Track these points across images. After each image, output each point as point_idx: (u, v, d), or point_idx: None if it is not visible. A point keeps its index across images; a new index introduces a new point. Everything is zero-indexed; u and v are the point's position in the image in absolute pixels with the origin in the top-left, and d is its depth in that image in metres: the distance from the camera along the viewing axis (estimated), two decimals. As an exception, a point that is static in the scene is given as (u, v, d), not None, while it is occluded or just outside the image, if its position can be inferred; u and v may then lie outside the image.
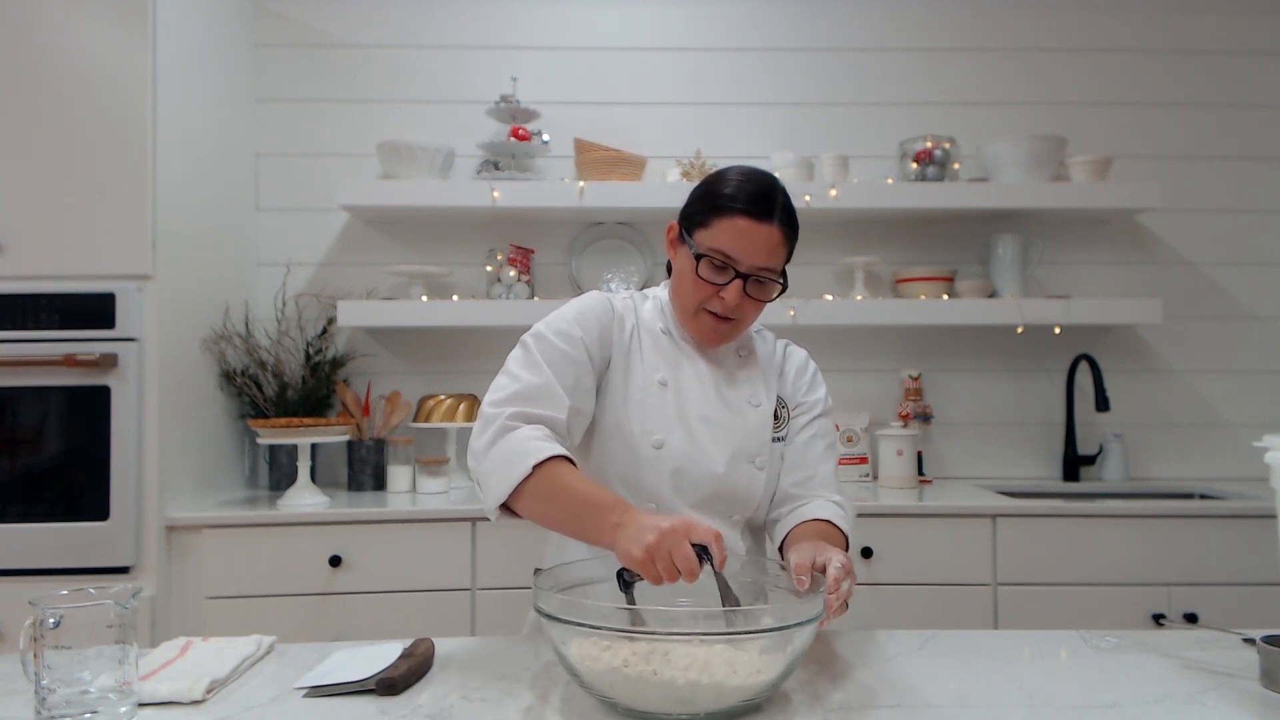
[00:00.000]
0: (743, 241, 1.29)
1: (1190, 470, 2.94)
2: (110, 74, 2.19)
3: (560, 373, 1.28)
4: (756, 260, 1.30)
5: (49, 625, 0.92)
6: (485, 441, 1.21)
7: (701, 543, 1.02)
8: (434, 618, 2.26)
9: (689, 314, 1.36)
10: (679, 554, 1.00)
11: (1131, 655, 1.20)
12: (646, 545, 1.01)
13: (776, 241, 1.30)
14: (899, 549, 2.32)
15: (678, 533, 1.01)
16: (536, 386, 1.25)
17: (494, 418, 1.22)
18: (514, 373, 1.29)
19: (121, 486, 2.15)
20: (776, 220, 1.30)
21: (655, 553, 1.01)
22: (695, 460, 1.34)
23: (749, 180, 1.31)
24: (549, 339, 1.31)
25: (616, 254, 2.92)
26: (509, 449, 1.18)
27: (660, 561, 1.01)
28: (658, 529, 1.02)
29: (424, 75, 2.92)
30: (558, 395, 1.26)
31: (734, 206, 1.29)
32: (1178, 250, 2.98)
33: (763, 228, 1.29)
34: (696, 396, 1.37)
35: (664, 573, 1.01)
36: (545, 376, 1.26)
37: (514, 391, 1.25)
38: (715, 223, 1.30)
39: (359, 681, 1.06)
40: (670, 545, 1.00)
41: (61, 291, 2.18)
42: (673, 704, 0.94)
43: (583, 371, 1.31)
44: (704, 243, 1.31)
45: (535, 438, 1.19)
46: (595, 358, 1.34)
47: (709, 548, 1.02)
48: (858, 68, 2.98)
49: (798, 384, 1.48)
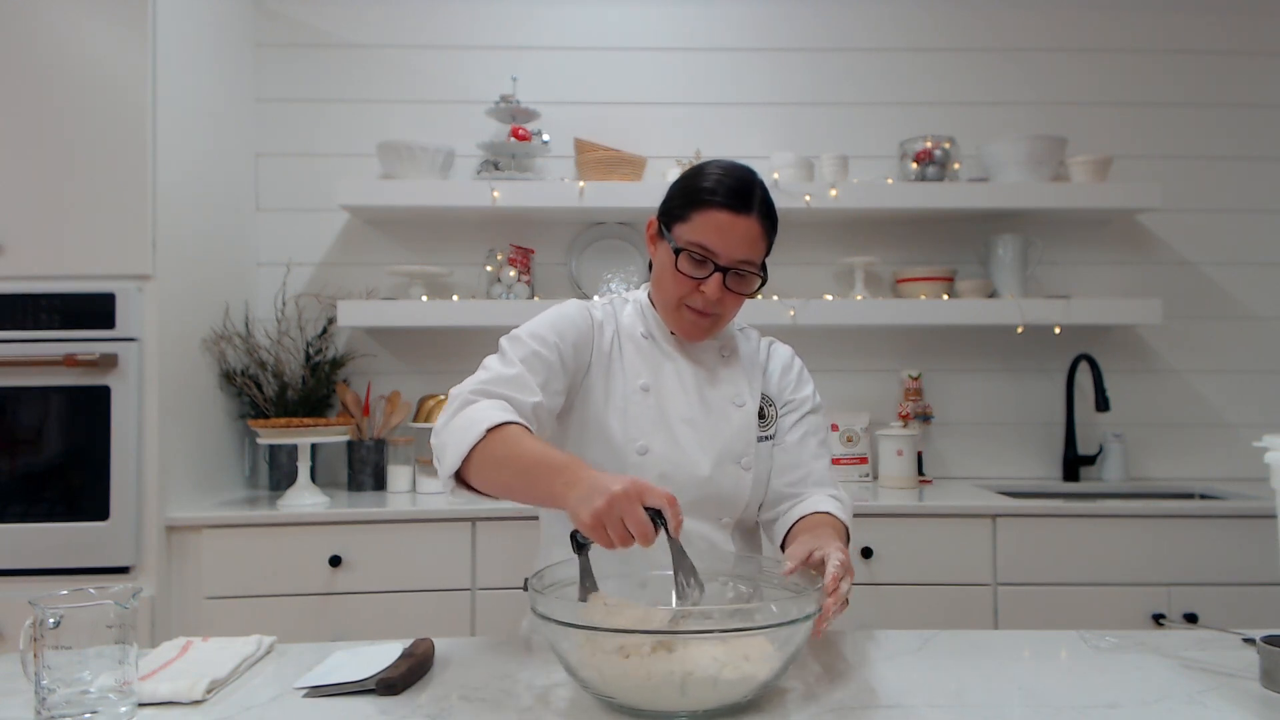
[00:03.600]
0: (722, 235, 1.29)
1: (1190, 470, 2.94)
2: (110, 74, 2.19)
3: (533, 370, 1.28)
4: (736, 253, 1.30)
5: (49, 625, 0.92)
6: (445, 416, 1.22)
7: (655, 506, 0.98)
8: (434, 618, 2.26)
9: (670, 309, 1.37)
10: (632, 518, 0.96)
11: (1131, 655, 1.20)
12: (595, 510, 0.97)
13: (756, 234, 1.31)
14: (899, 549, 2.32)
15: (630, 496, 0.97)
16: (506, 376, 1.26)
17: (458, 398, 1.23)
18: (488, 365, 1.30)
19: (121, 486, 2.15)
20: (755, 213, 1.30)
21: (606, 517, 0.97)
22: (680, 465, 1.34)
23: (727, 174, 1.32)
24: (523, 340, 1.32)
25: (616, 254, 2.93)
26: (465, 419, 1.18)
27: (612, 527, 0.97)
28: (608, 492, 0.97)
29: (424, 75, 2.92)
30: (528, 384, 1.26)
31: (713, 200, 1.29)
32: (1178, 250, 2.98)
33: (741, 220, 1.29)
34: (679, 400, 1.37)
35: (615, 538, 0.97)
36: (517, 369, 1.27)
37: (483, 379, 1.26)
38: (694, 216, 1.30)
39: (359, 681, 1.06)
40: (622, 510, 0.97)
41: (61, 291, 2.17)
42: (671, 701, 0.94)
43: (553, 374, 1.31)
44: (683, 237, 1.31)
45: (491, 408, 1.18)
46: (569, 362, 1.34)
47: (663, 511, 0.99)
48: (858, 68, 2.98)
49: (784, 381, 1.48)
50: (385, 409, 2.74)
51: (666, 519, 0.99)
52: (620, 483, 0.99)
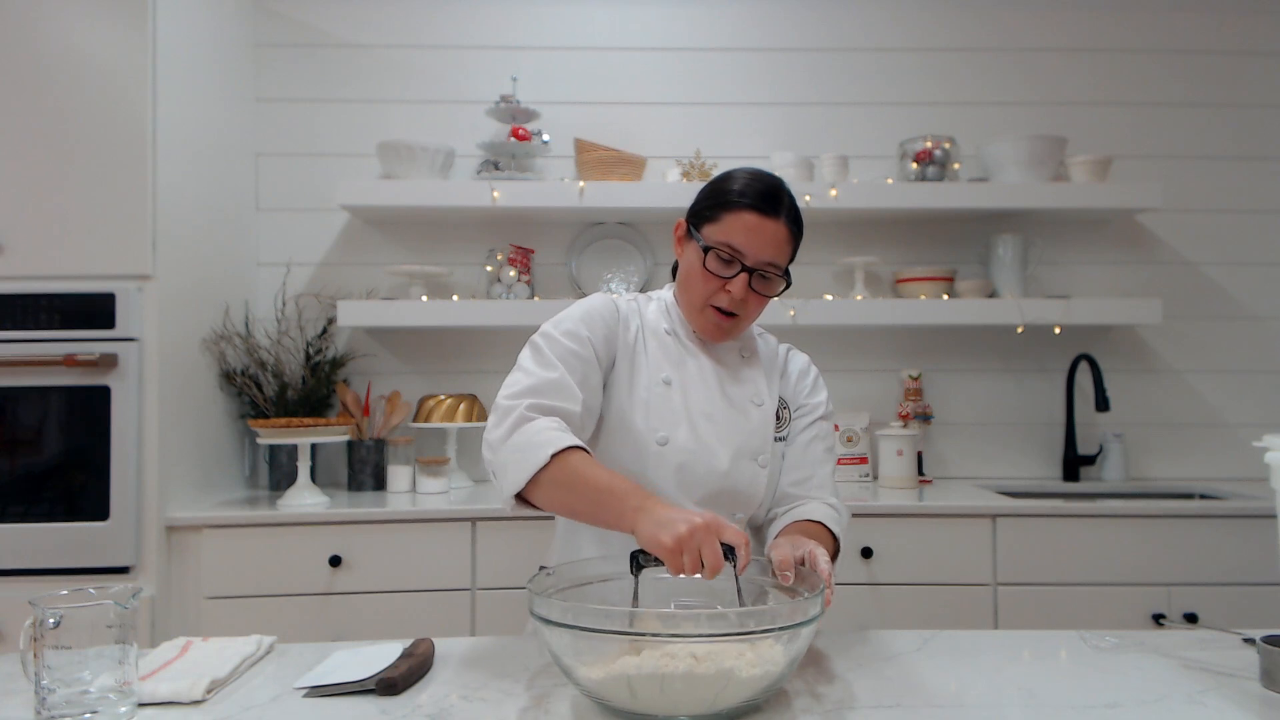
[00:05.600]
0: (750, 236, 1.32)
1: (1190, 470, 2.94)
2: (110, 74, 2.19)
3: (571, 369, 1.30)
4: (763, 255, 1.33)
5: (49, 625, 0.92)
6: (503, 432, 1.23)
7: (730, 544, 1.03)
8: (434, 618, 2.26)
9: (695, 309, 1.39)
10: (709, 550, 1.01)
11: (1131, 655, 1.20)
12: (678, 535, 1.02)
13: (783, 238, 1.34)
14: (899, 549, 2.32)
15: (710, 529, 1.02)
16: (551, 381, 1.28)
17: (511, 409, 1.24)
18: (528, 369, 1.31)
19: (121, 486, 2.15)
20: (783, 217, 1.34)
21: (686, 544, 1.02)
22: (699, 457, 1.35)
23: (757, 179, 1.36)
24: (558, 338, 1.33)
25: (616, 254, 2.92)
26: (526, 439, 1.19)
27: (689, 554, 1.02)
28: (690, 522, 1.03)
29: (424, 75, 2.92)
30: (571, 389, 1.28)
31: (743, 202, 1.33)
32: (1178, 250, 2.98)
33: (770, 223, 1.33)
34: (700, 394, 1.39)
35: (689, 565, 1.02)
36: (559, 372, 1.29)
37: (529, 385, 1.27)
38: (724, 218, 1.34)
39: (359, 681, 1.06)
40: (701, 540, 1.01)
41: (61, 291, 2.17)
42: (672, 704, 0.94)
43: (590, 370, 1.33)
44: (712, 237, 1.35)
45: (552, 428, 1.21)
46: (601, 357, 1.36)
47: (736, 549, 1.04)
48: (858, 68, 2.98)
49: (800, 386, 1.51)
50: (385, 409, 2.74)
51: (738, 557, 1.04)
52: (703, 516, 1.04)
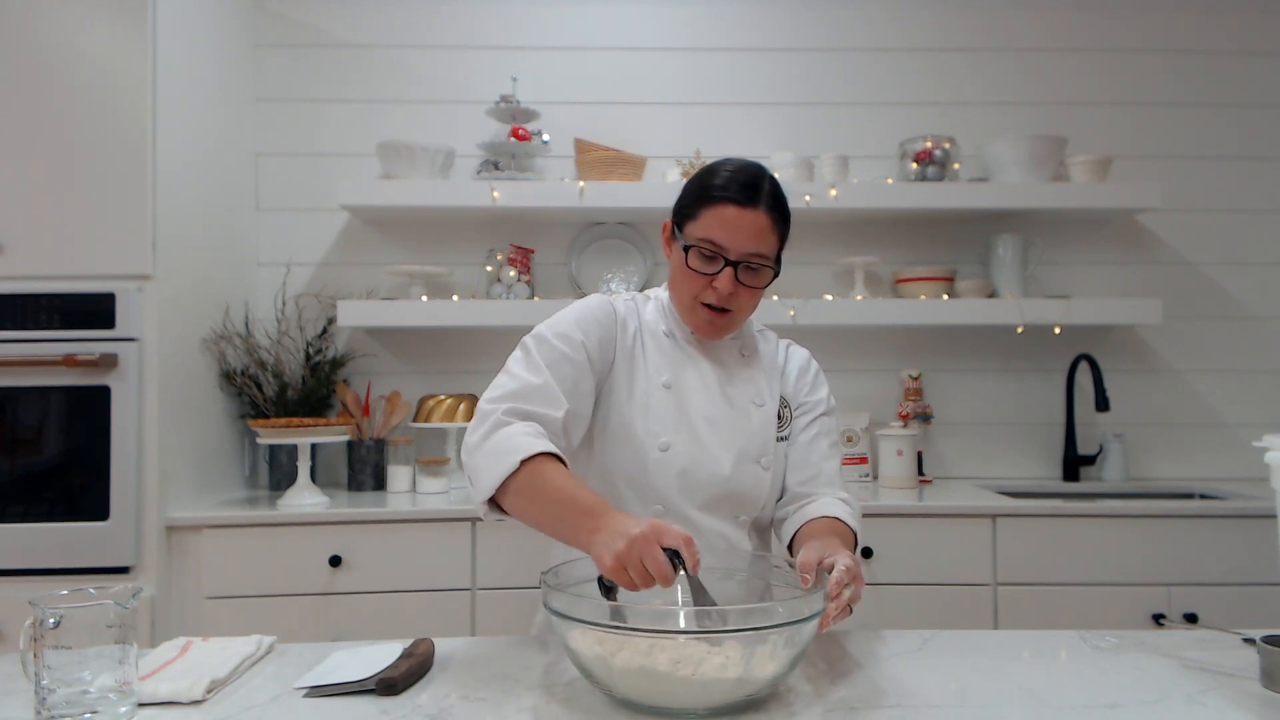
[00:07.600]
0: (729, 229, 1.30)
1: (1190, 470, 2.94)
2: (110, 74, 2.19)
3: (559, 375, 1.28)
4: (745, 246, 1.31)
5: (49, 625, 0.92)
6: (479, 436, 1.22)
7: (673, 547, 1.01)
8: (434, 618, 2.26)
9: (686, 308, 1.38)
10: (650, 560, 0.99)
11: (1131, 655, 1.20)
12: (616, 553, 1.00)
13: (764, 226, 1.31)
14: (899, 549, 2.32)
15: (648, 538, 1.00)
16: (534, 386, 1.26)
17: (489, 413, 1.23)
18: (513, 372, 1.29)
19: (121, 486, 2.15)
20: (763, 205, 1.31)
21: (626, 560, 1.00)
22: (701, 462, 1.34)
23: (737, 170, 1.34)
24: (549, 341, 1.31)
25: (616, 254, 2.92)
26: (499, 444, 1.18)
27: (632, 568, 1.00)
28: (627, 535, 1.01)
29: (424, 75, 2.92)
30: (555, 396, 1.26)
31: (719, 195, 1.31)
32: (1178, 250, 2.98)
33: (748, 213, 1.30)
34: (701, 398, 1.38)
35: (637, 579, 1.00)
36: (544, 377, 1.27)
37: (511, 390, 1.26)
38: (703, 213, 1.32)
39: (359, 681, 1.06)
40: (641, 551, 1.00)
41: (61, 291, 2.17)
42: (676, 698, 0.95)
43: (582, 374, 1.31)
44: (693, 234, 1.33)
45: (526, 434, 1.19)
46: (596, 361, 1.34)
47: (680, 552, 1.01)
48: (858, 68, 2.98)
49: (800, 383, 1.49)
50: (385, 409, 2.74)
51: (684, 558, 1.02)
52: (639, 525, 1.02)
